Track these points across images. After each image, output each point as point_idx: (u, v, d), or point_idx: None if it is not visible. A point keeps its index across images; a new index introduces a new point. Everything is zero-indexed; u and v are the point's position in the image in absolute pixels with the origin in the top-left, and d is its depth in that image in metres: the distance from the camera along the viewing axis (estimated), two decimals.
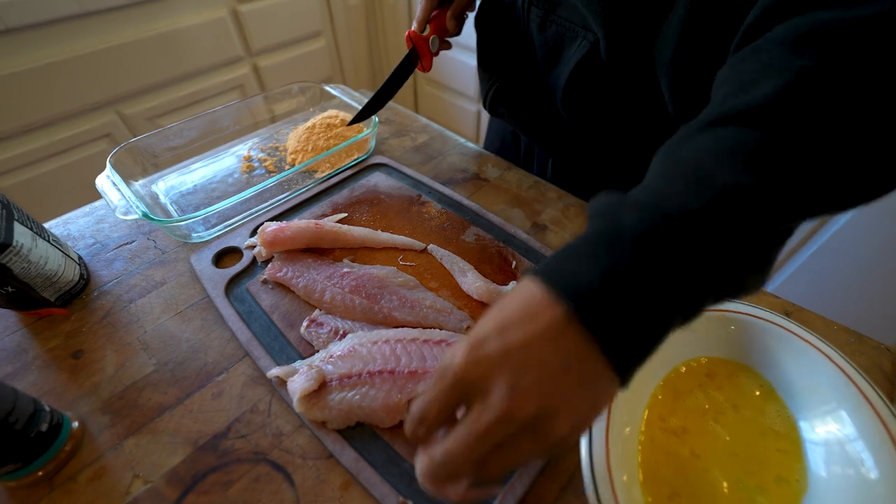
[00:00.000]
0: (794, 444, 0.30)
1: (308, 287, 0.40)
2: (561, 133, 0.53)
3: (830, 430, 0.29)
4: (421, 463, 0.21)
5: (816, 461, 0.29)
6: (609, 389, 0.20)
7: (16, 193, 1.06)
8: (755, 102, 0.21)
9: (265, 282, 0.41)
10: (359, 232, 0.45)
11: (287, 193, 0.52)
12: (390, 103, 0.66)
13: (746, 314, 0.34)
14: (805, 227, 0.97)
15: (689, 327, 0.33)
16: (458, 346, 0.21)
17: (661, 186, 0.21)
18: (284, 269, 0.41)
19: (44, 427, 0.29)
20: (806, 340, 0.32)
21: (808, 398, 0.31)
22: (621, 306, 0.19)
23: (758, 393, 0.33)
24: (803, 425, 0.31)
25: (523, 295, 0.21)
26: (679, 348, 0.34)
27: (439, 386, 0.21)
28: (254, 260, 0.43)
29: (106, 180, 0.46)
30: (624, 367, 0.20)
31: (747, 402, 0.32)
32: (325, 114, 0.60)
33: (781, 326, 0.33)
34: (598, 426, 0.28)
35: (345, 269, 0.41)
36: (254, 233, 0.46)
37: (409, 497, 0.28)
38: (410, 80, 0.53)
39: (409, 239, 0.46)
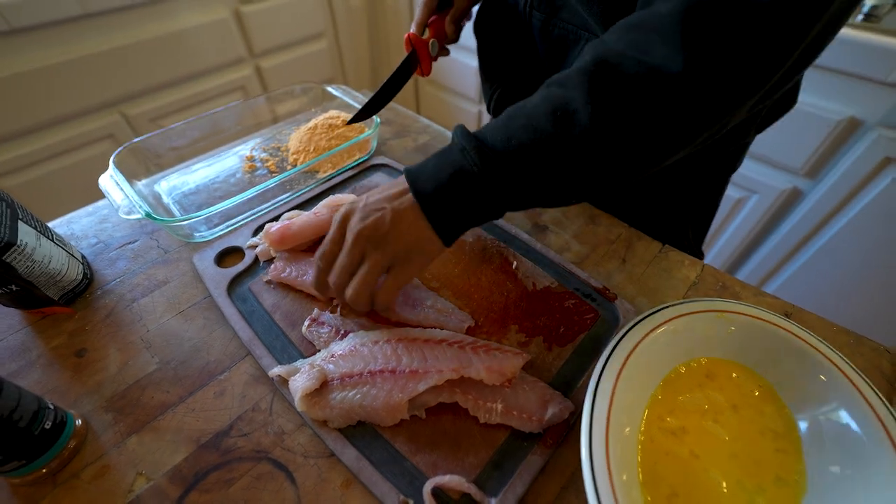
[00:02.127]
0: (793, 445, 0.30)
1: None
2: None
3: (829, 430, 0.29)
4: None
5: (815, 461, 0.29)
6: (428, 240, 0.33)
7: (20, 193, 1.07)
8: (570, 71, 0.29)
9: (269, 282, 0.42)
10: None
11: (289, 193, 0.52)
12: (392, 104, 0.66)
13: (746, 315, 0.34)
14: (804, 229, 0.97)
15: (690, 328, 0.34)
16: (357, 202, 0.35)
17: (494, 126, 0.32)
18: (288, 269, 0.41)
19: (47, 425, 0.29)
20: (805, 341, 0.32)
21: (808, 398, 0.31)
22: (440, 203, 0.32)
23: (757, 393, 0.33)
24: (803, 425, 0.31)
25: (397, 183, 0.34)
26: (679, 349, 0.34)
27: (332, 227, 0.35)
28: (256, 259, 0.44)
29: (109, 180, 0.46)
30: (442, 231, 0.33)
31: (747, 403, 0.32)
32: (327, 114, 0.60)
33: (781, 327, 0.33)
34: (599, 425, 0.28)
35: None
36: (256, 232, 0.47)
37: (411, 496, 0.29)
38: (412, 80, 0.53)
39: None
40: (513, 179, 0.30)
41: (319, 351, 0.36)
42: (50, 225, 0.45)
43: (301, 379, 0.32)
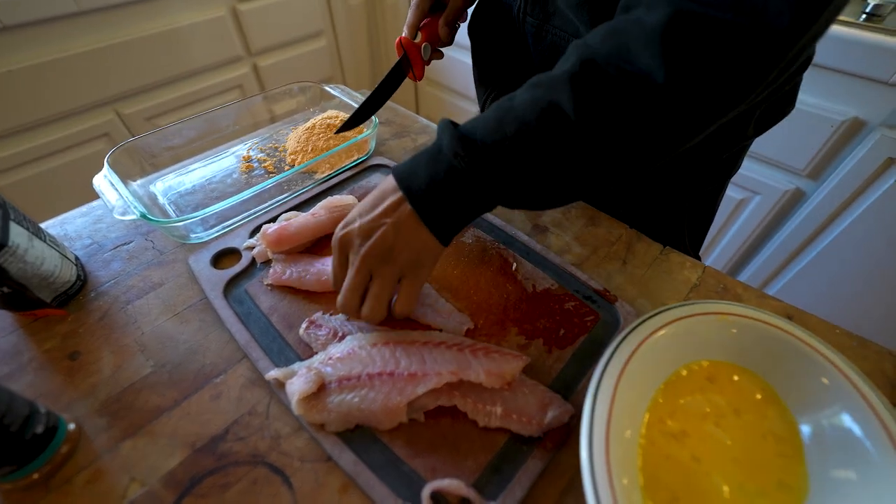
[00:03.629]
0: (795, 449, 0.30)
1: (319, 276, 0.40)
2: None
3: (832, 434, 0.29)
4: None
5: (818, 466, 0.29)
6: (432, 243, 0.33)
7: (12, 193, 1.06)
8: (556, 72, 0.30)
9: (269, 285, 0.41)
10: None
11: (286, 194, 0.52)
12: (391, 104, 0.65)
13: (747, 317, 0.33)
14: (807, 230, 0.96)
15: (691, 330, 0.34)
16: (352, 225, 0.34)
17: (482, 120, 0.32)
18: (288, 271, 0.41)
19: (39, 429, 0.28)
20: (807, 343, 0.32)
21: (810, 402, 0.31)
22: (434, 200, 0.32)
23: (759, 396, 0.32)
24: (805, 429, 0.30)
25: (385, 192, 0.34)
26: (680, 352, 0.34)
27: (334, 253, 0.36)
28: (253, 261, 0.43)
29: (104, 180, 0.46)
30: (440, 233, 0.33)
31: (748, 406, 0.32)
32: (325, 114, 0.60)
33: (783, 329, 0.32)
34: (599, 429, 0.27)
35: None
36: (253, 234, 0.46)
37: (409, 499, 0.28)
38: (409, 81, 0.53)
39: None
40: (501, 175, 0.31)
41: (317, 353, 0.35)
42: (43, 226, 0.45)
43: (298, 382, 0.32)
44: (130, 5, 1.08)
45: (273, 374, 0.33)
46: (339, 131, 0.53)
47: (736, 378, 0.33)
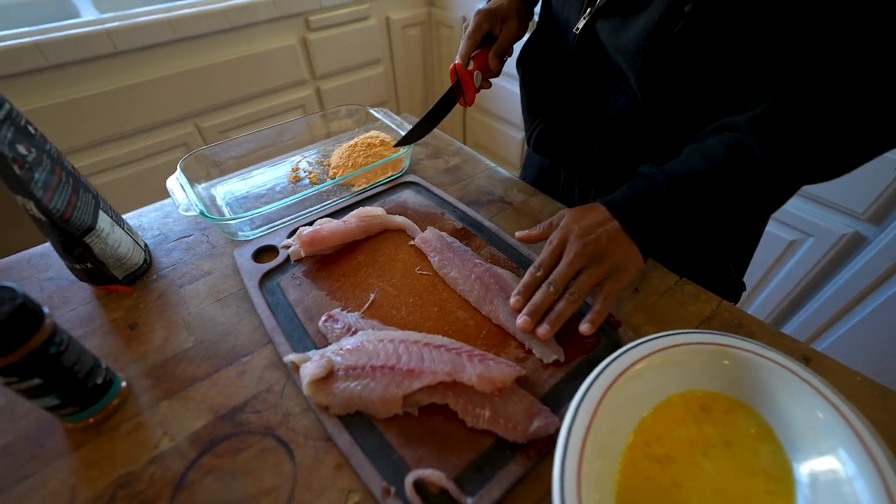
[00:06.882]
0: (786, 488, 0.29)
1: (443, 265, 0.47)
2: (602, 167, 0.54)
3: (825, 473, 0.28)
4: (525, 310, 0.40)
5: None
6: (635, 253, 0.41)
7: (104, 188, 1.22)
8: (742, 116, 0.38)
9: (306, 273, 0.46)
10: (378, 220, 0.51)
11: (325, 203, 0.57)
12: None
13: (745, 350, 0.33)
14: (866, 279, 0.89)
15: (682, 360, 0.34)
16: (570, 228, 0.42)
17: (679, 160, 0.41)
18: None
19: (99, 380, 0.34)
20: (802, 378, 0.31)
21: (805, 440, 0.30)
22: (641, 224, 0.40)
23: (753, 431, 0.32)
24: (798, 469, 0.30)
25: (598, 212, 0.42)
26: (672, 378, 0.34)
27: (549, 247, 0.42)
28: (287, 258, 0.48)
29: (175, 182, 0.54)
30: (644, 248, 0.41)
31: (741, 441, 0.32)
32: (368, 134, 0.66)
33: (775, 362, 0.32)
34: (575, 441, 0.29)
35: (476, 259, 0.47)
36: (291, 235, 0.52)
37: (394, 484, 0.31)
38: (459, 107, 0.57)
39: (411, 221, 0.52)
40: (690, 198, 0.39)
41: (331, 344, 0.39)
42: (124, 216, 0.53)
43: (311, 366, 0.36)
44: (220, 33, 1.24)
45: (291, 357, 0.38)
46: (396, 145, 0.59)
47: (731, 411, 0.33)
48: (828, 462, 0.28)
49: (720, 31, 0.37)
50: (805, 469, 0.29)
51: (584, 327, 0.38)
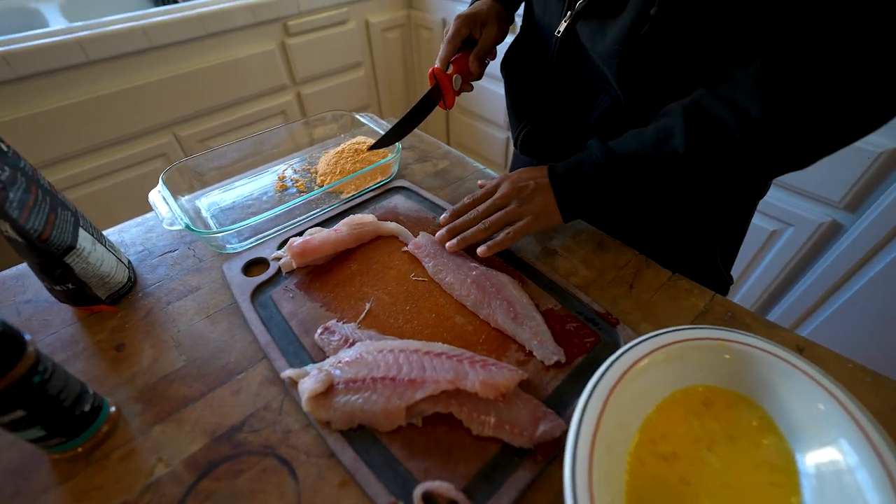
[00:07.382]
0: (790, 478, 0.30)
1: (437, 267, 0.47)
2: None
3: (828, 464, 0.29)
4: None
5: (813, 496, 0.28)
6: (555, 212, 0.46)
7: (82, 203, 1.18)
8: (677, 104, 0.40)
9: (299, 284, 0.45)
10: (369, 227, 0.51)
11: (314, 211, 0.56)
12: (417, 131, 0.70)
13: (743, 343, 0.34)
14: (845, 265, 0.92)
15: (685, 355, 0.34)
16: (510, 176, 0.49)
17: (621, 139, 0.44)
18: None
19: (87, 407, 0.33)
20: (802, 371, 0.32)
21: (807, 431, 0.31)
22: (566, 184, 0.45)
23: (755, 424, 0.32)
24: (801, 460, 0.30)
25: (540, 169, 0.47)
26: (674, 375, 0.34)
27: (486, 188, 0.49)
28: (279, 270, 0.47)
29: (157, 195, 0.52)
30: (564, 208, 0.46)
31: (743, 434, 0.32)
32: (354, 140, 0.65)
33: (776, 356, 0.33)
34: (584, 443, 0.28)
35: (471, 263, 0.47)
36: (281, 246, 0.51)
37: (402, 498, 0.30)
38: (441, 109, 0.57)
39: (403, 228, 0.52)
40: (616, 173, 0.42)
41: (328, 357, 0.38)
42: (104, 233, 0.51)
43: (309, 382, 0.35)
44: (196, 41, 1.21)
45: (288, 373, 0.37)
46: (371, 148, 0.58)
47: (732, 405, 0.33)
48: (830, 453, 0.29)
49: (687, 32, 0.38)
50: (808, 460, 0.30)
51: (480, 249, 0.46)
